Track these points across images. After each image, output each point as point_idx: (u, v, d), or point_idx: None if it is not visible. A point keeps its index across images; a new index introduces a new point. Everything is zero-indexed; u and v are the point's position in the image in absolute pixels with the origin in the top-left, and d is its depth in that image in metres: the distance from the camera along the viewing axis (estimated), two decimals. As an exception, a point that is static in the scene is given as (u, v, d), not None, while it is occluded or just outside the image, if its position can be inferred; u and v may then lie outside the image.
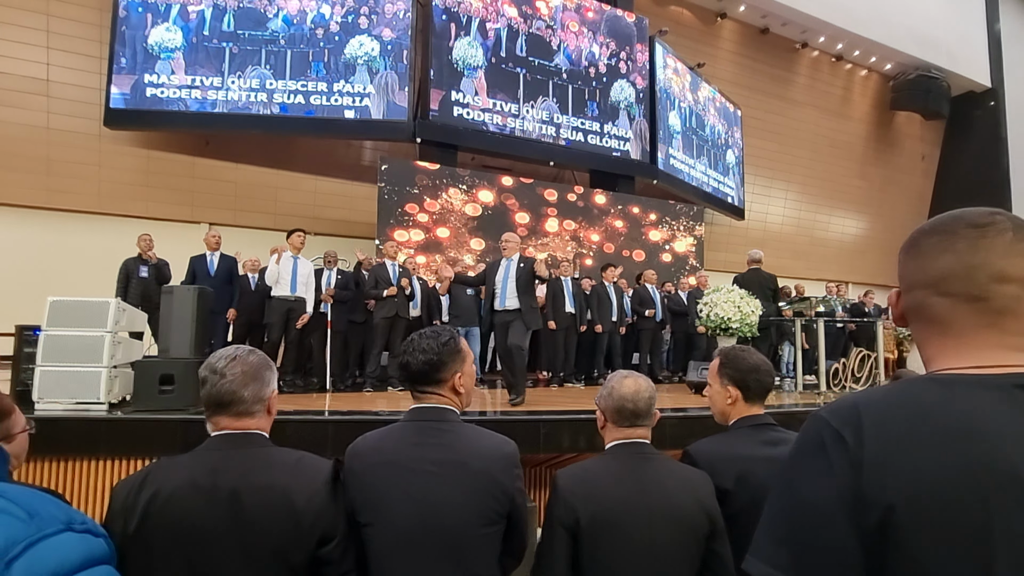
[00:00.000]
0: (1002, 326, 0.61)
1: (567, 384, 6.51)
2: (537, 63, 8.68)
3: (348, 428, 3.36)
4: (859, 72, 13.99)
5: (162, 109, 7.16)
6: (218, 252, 5.68)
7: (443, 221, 8.12)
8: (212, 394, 1.20)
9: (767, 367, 1.55)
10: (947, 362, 0.63)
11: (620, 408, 1.42)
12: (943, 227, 0.66)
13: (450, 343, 1.38)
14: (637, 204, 9.65)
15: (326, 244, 8.22)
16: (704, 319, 4.90)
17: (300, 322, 5.13)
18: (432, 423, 1.33)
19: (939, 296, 0.64)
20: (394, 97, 7.74)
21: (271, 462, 1.20)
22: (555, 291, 6.55)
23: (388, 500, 1.24)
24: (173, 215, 8.26)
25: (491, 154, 8.75)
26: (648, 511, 1.31)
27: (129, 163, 8.01)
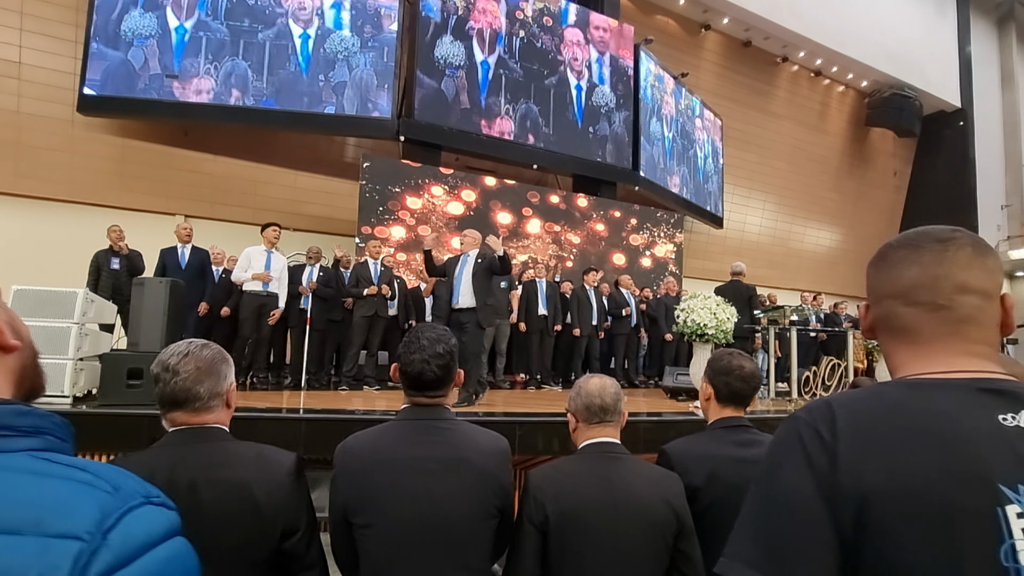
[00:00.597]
0: (964, 334, 0.65)
1: (544, 387, 6.53)
2: (522, 66, 8.70)
3: (322, 427, 3.33)
4: (836, 88, 14.35)
5: (138, 97, 6.99)
6: (190, 244, 5.55)
7: (425, 220, 8.08)
8: (166, 392, 1.18)
9: (742, 373, 1.57)
10: (914, 368, 0.67)
11: (588, 405, 1.46)
12: (910, 241, 0.70)
13: (455, 346, 1.41)
14: (618, 209, 9.73)
15: (305, 240, 8.11)
16: (681, 325, 4.96)
17: (272, 318, 5.04)
18: (430, 421, 1.34)
19: (907, 306, 0.68)
20: (378, 94, 7.68)
21: (231, 456, 1.18)
22: (528, 293, 6.58)
23: (390, 500, 1.24)
24: (148, 206, 8.08)
25: (475, 155, 8.74)
26: (615, 509, 1.33)
27: (103, 151, 7.81)
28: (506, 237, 8.67)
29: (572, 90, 9.13)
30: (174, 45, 7.11)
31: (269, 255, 5.14)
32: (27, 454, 0.51)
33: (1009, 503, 0.54)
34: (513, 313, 6.47)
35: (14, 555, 0.43)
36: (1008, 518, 0.53)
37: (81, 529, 0.46)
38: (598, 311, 6.84)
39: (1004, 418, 0.58)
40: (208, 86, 7.17)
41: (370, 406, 4.34)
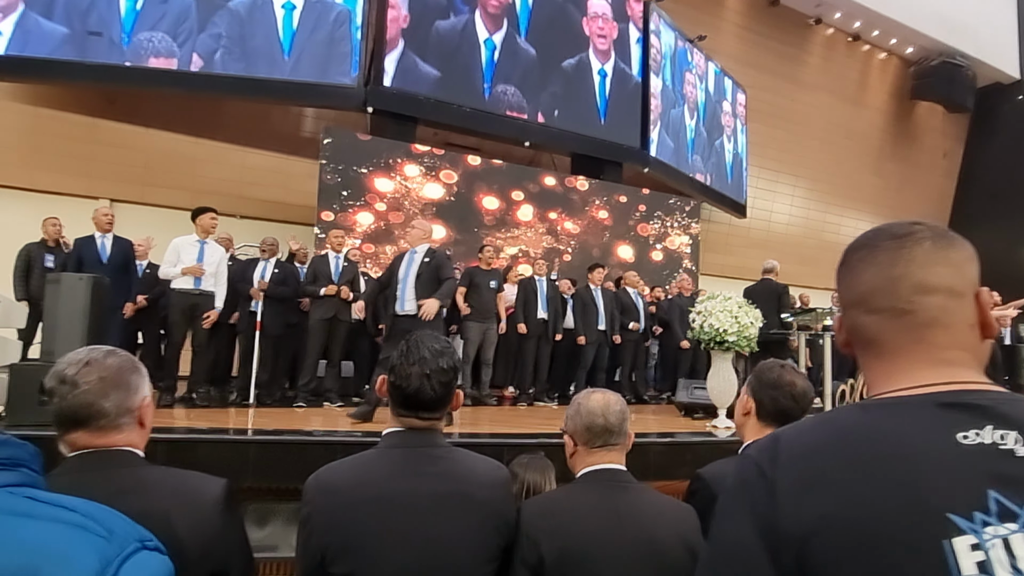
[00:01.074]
0: (931, 340, 0.67)
1: (538, 403, 6.54)
2: (511, 31, 8.69)
3: (275, 450, 3.30)
4: (878, 55, 14.50)
5: (54, 58, 6.87)
6: (111, 234, 5.44)
7: (397, 206, 8.05)
8: (64, 408, 1.13)
9: (794, 391, 1.58)
10: (880, 387, 0.69)
11: (590, 425, 1.45)
12: (866, 241, 0.73)
13: (459, 361, 1.40)
14: (625, 194, 9.77)
15: (256, 229, 8.06)
16: (697, 330, 4.99)
17: (208, 321, 4.97)
18: (424, 449, 1.33)
19: (867, 314, 0.71)
20: (342, 58, 7.63)
21: (145, 483, 1.14)
22: (527, 293, 6.56)
23: (377, 544, 1.22)
24: (66, 188, 7.98)
25: (457, 130, 8.72)
26: (623, 547, 1.32)
27: (11, 122, 7.69)
28: (493, 226, 8.67)
29: (572, 57, 9.14)
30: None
31: (202, 246, 5.03)
32: (5, 491, 0.53)
33: (960, 534, 0.54)
34: (502, 321, 6.45)
35: None
36: (956, 552, 0.54)
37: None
38: (606, 315, 6.83)
39: (964, 436, 0.59)
40: (141, 45, 7.08)
41: (331, 426, 4.31)
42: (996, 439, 0.58)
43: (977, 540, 0.54)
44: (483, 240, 8.06)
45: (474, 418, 5.28)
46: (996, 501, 0.56)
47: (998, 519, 0.55)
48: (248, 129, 8.81)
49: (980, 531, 0.55)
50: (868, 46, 14.26)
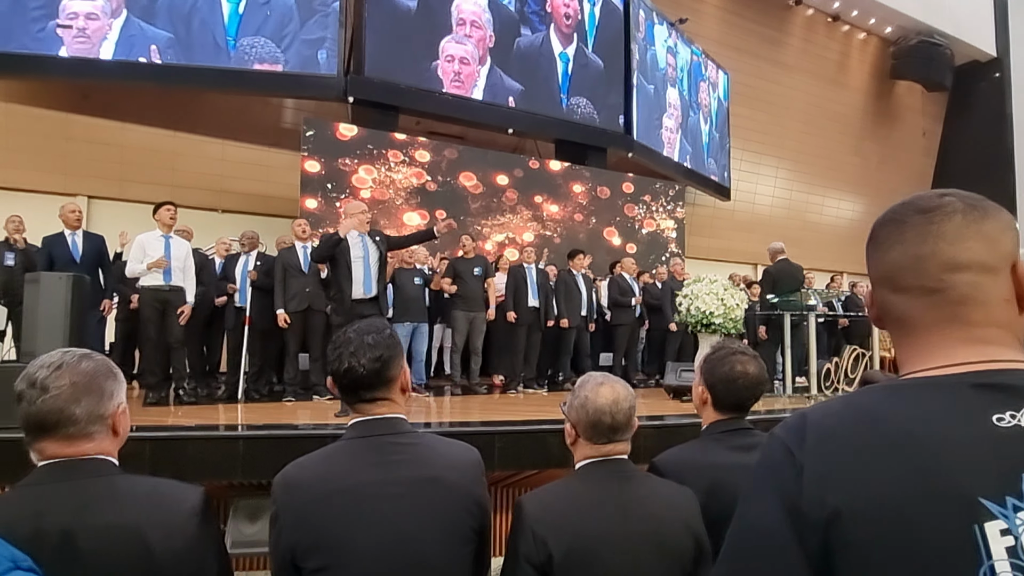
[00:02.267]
0: (965, 318, 0.64)
1: (528, 390, 6.55)
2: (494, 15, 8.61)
3: (265, 446, 3.28)
4: (857, 35, 14.58)
5: (25, 52, 6.70)
6: (81, 230, 5.32)
7: (380, 196, 7.99)
8: (32, 414, 1.08)
9: (747, 380, 1.56)
10: (912, 365, 0.67)
11: (596, 423, 1.40)
12: (894, 216, 0.70)
13: (392, 333, 1.37)
14: (609, 180, 9.76)
15: (237, 223, 7.95)
16: (684, 314, 5.01)
17: (183, 317, 4.88)
18: (388, 437, 1.30)
19: (895, 293, 0.69)
20: (322, 47, 7.52)
21: (117, 494, 1.10)
22: (517, 281, 6.54)
23: (349, 536, 1.20)
24: (39, 185, 7.82)
25: (439, 118, 8.64)
26: (631, 541, 1.31)
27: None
28: (479, 213, 8.64)
29: (554, 42, 9.08)
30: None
31: (167, 240, 4.94)
32: None
33: (991, 519, 0.54)
34: (490, 308, 6.43)
35: None
36: (987, 536, 0.53)
37: None
38: (587, 300, 6.85)
39: (1000, 418, 0.57)
40: (113, 37, 6.92)
41: (321, 419, 4.29)
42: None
43: (1008, 525, 0.53)
44: (468, 227, 8.03)
45: (464, 407, 5.28)
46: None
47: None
48: (227, 122, 8.68)
49: (1012, 516, 0.54)
50: (847, 26, 14.33)
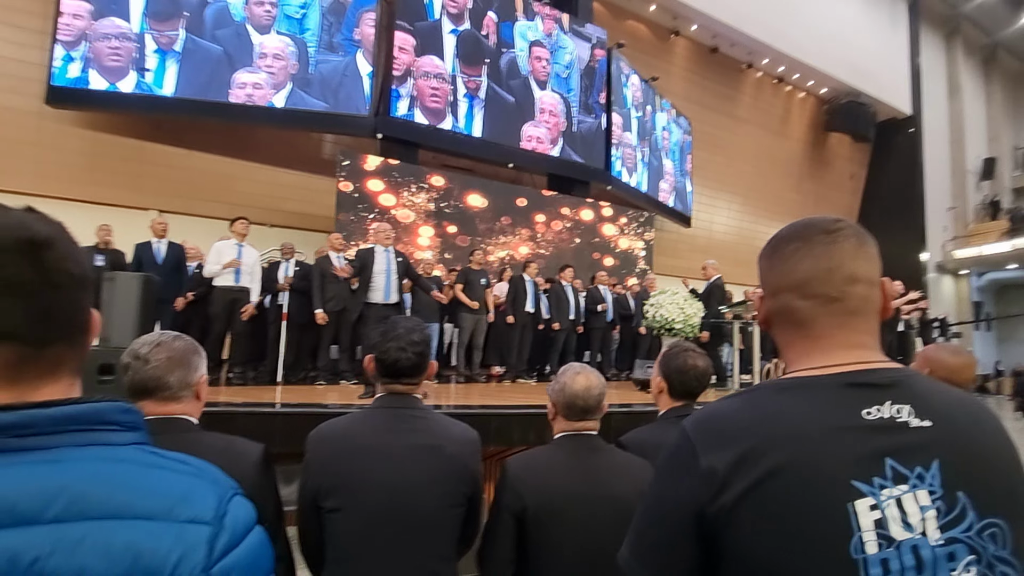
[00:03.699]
0: (852, 325, 0.65)
1: (519, 380, 6.54)
2: (498, 67, 8.66)
3: (298, 420, 3.27)
4: (798, 94, 14.70)
5: (109, 90, 6.72)
6: (165, 240, 5.36)
7: (401, 216, 7.99)
8: (136, 380, 1.16)
9: (696, 372, 1.58)
10: (800, 363, 0.67)
11: (571, 404, 1.44)
12: (800, 235, 0.70)
13: (427, 334, 1.42)
14: (591, 208, 9.79)
15: (283, 236, 7.93)
16: (649, 319, 5.02)
17: (245, 313, 4.89)
18: (404, 410, 1.34)
19: (802, 299, 0.67)
20: (356, 91, 7.55)
21: (198, 446, 1.12)
22: (517, 290, 6.56)
23: (361, 485, 1.23)
24: (120, 200, 7.79)
25: (452, 154, 8.68)
26: (592, 500, 1.33)
27: (73, 144, 7.49)
28: (483, 234, 8.64)
29: (548, 92, 9.12)
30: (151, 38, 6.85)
31: (240, 249, 4.97)
32: (135, 447, 0.55)
33: (860, 496, 0.55)
34: (491, 312, 6.44)
35: (157, 539, 0.48)
36: (857, 512, 0.54)
37: (207, 515, 0.52)
38: (575, 307, 6.87)
39: (868, 412, 0.59)
40: (184, 80, 6.94)
41: (346, 400, 4.27)
42: (893, 413, 0.59)
43: (875, 501, 0.55)
44: (475, 244, 8.03)
45: (466, 393, 5.26)
46: (891, 467, 0.56)
47: (892, 482, 0.55)
48: (277, 151, 8.68)
49: (878, 493, 0.55)
50: (790, 87, 14.45)
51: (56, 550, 0.46)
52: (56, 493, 0.48)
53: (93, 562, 0.46)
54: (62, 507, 0.47)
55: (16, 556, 0.45)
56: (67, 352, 0.56)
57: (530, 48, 9.02)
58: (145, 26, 6.84)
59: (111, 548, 0.47)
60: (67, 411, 0.52)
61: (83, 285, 0.56)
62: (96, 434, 0.53)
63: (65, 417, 0.52)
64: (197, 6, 7.02)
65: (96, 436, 0.53)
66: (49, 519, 0.47)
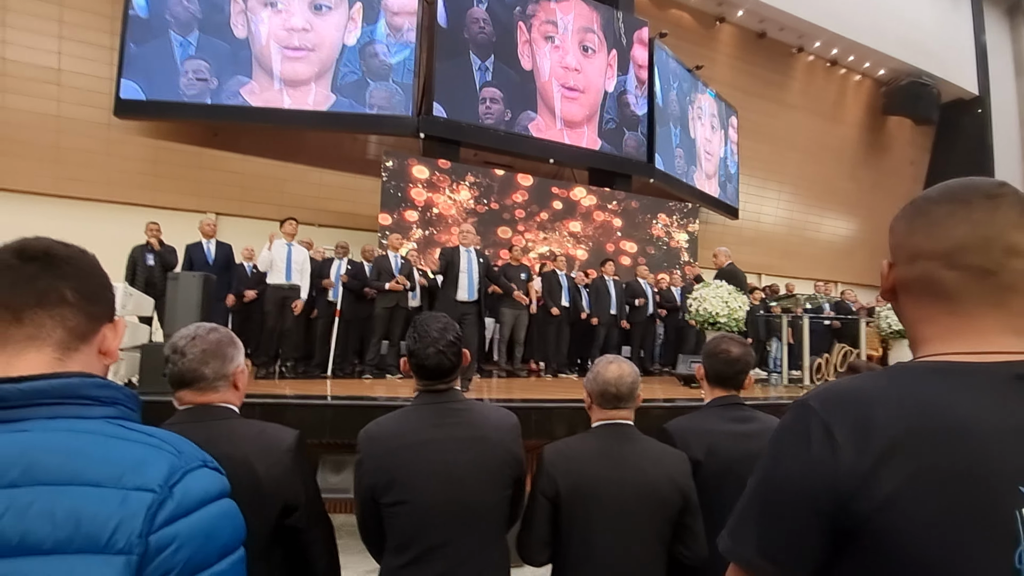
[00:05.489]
0: (1008, 305, 0.57)
1: (560, 375, 6.54)
2: (537, 61, 8.64)
3: (348, 412, 3.38)
4: (853, 77, 13.96)
5: (170, 100, 7.12)
6: (214, 240, 5.62)
7: (444, 215, 8.11)
8: (174, 373, 1.21)
9: (727, 357, 1.58)
10: (945, 345, 0.59)
11: (604, 392, 1.47)
12: (956, 196, 0.61)
13: (459, 330, 1.45)
14: (633, 201, 9.64)
15: (330, 235, 8.21)
16: (693, 313, 4.92)
17: (296, 309, 5.10)
18: (446, 404, 1.39)
19: (950, 269, 0.59)
20: (399, 92, 7.70)
21: (233, 433, 1.20)
22: (551, 284, 6.55)
23: (416, 478, 1.29)
24: (180, 204, 8.24)
25: (493, 151, 8.73)
26: (622, 486, 1.37)
27: (137, 152, 7.98)
28: (522, 231, 8.66)
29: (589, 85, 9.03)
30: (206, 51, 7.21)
31: (289, 248, 5.18)
32: (104, 420, 0.58)
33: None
34: (532, 304, 6.45)
35: (100, 505, 0.50)
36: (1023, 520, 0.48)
37: (154, 483, 0.53)
38: (617, 301, 6.81)
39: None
40: (238, 89, 7.27)
41: (392, 393, 4.39)
42: None
43: None
44: (515, 241, 8.07)
45: (508, 387, 5.31)
46: None
47: None
48: (323, 154, 8.96)
49: None
50: (844, 70, 13.74)
51: (6, 513, 0.48)
52: (13, 461, 0.50)
53: (37, 526, 0.48)
54: (18, 473, 0.50)
55: None
56: (47, 321, 0.59)
57: (571, 38, 8.95)
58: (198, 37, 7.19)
59: (55, 513, 0.49)
60: (37, 386, 0.55)
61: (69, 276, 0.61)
62: (66, 407, 0.56)
63: (35, 391, 0.55)
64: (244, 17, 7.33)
65: (66, 410, 0.56)
66: (4, 484, 0.49)
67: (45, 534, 0.48)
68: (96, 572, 0.48)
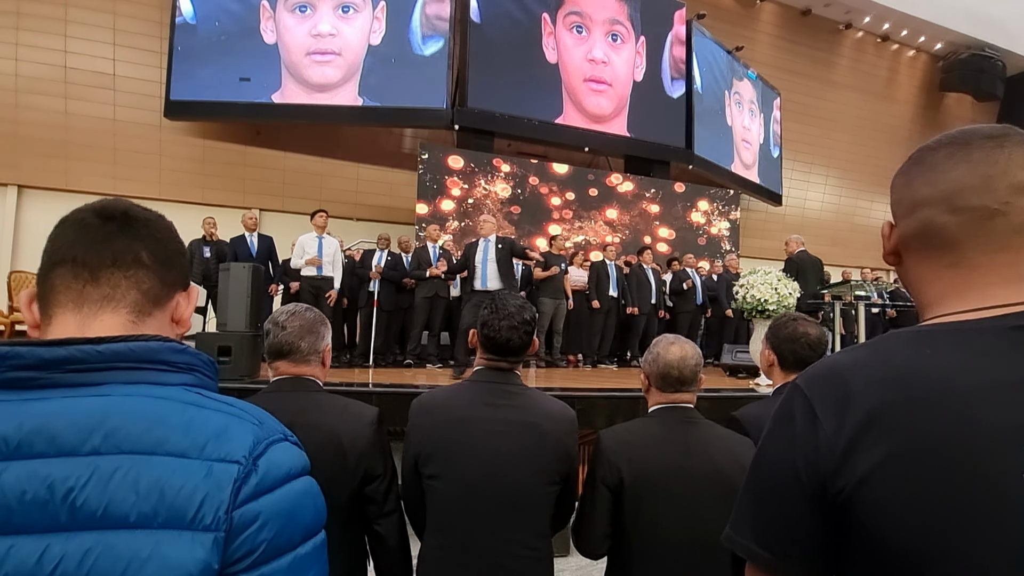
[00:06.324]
0: (1016, 248, 0.52)
1: (600, 365, 6.48)
2: (573, 50, 8.53)
3: (391, 400, 3.46)
4: (906, 52, 13.22)
5: (216, 100, 7.38)
6: (256, 232, 5.80)
7: (479, 207, 8.14)
8: (273, 343, 1.31)
9: (809, 340, 1.49)
10: (947, 306, 0.55)
11: (665, 375, 1.39)
12: (954, 140, 0.57)
13: (535, 312, 1.44)
14: (670, 188, 9.44)
15: (368, 228, 8.38)
16: (740, 301, 4.78)
17: (330, 299, 5.18)
18: (502, 385, 1.35)
19: (950, 214, 0.55)
20: (431, 86, 7.75)
21: (322, 404, 1.29)
22: (599, 274, 6.49)
23: (459, 454, 1.27)
24: (226, 201, 8.55)
25: (527, 140, 8.69)
26: (691, 474, 1.29)
27: (187, 152, 8.32)
28: (557, 220, 8.61)
29: (624, 70, 8.87)
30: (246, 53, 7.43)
31: (320, 240, 5.29)
32: (183, 388, 0.55)
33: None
34: (570, 298, 6.41)
35: (185, 476, 0.48)
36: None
37: (237, 454, 0.51)
38: (656, 290, 6.69)
39: None
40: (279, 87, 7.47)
41: (434, 381, 4.45)
42: None
43: None
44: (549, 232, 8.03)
45: (547, 377, 5.30)
46: None
47: None
48: (360, 149, 9.13)
49: None
50: (897, 45, 13.01)
51: (90, 481, 0.46)
52: (95, 427, 0.49)
53: (122, 495, 0.46)
54: (99, 440, 0.48)
55: (54, 485, 0.46)
56: (123, 282, 0.57)
57: (607, 25, 8.79)
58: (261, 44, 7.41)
59: (139, 483, 0.47)
60: (116, 348, 0.53)
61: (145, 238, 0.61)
62: (145, 372, 0.54)
63: (114, 354, 0.52)
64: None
65: (145, 375, 0.54)
66: (86, 451, 0.48)
67: (129, 506, 0.46)
68: (184, 550, 0.46)
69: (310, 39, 7.53)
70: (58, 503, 0.46)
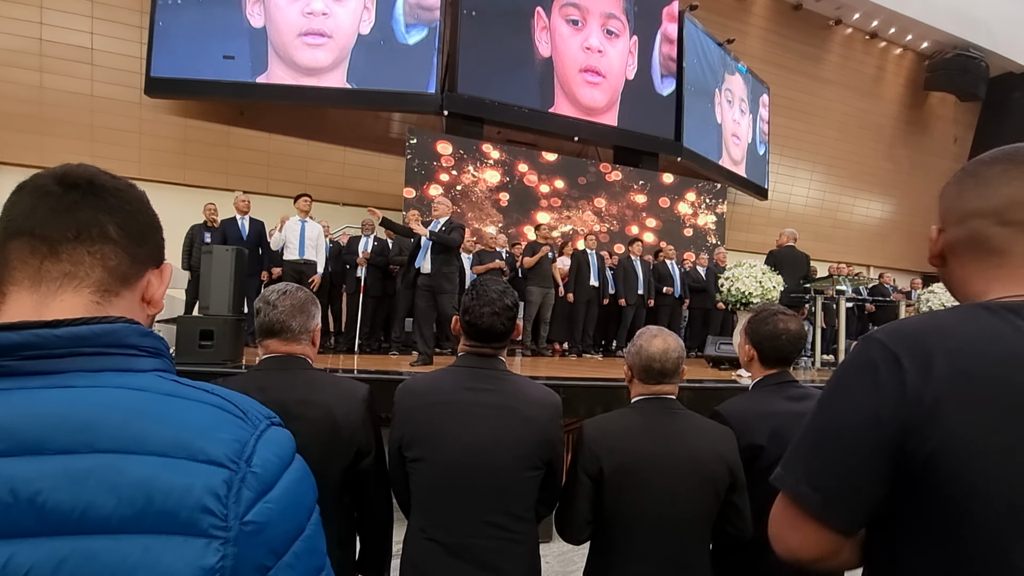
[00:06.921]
0: None
1: (586, 355, 6.53)
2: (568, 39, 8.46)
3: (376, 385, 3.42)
4: (893, 50, 13.36)
5: (199, 78, 7.20)
6: (248, 216, 5.70)
7: (468, 193, 8.09)
8: (264, 322, 1.32)
9: (789, 336, 1.50)
10: (995, 293, 0.61)
11: (647, 367, 1.40)
12: (1007, 157, 0.63)
13: (516, 298, 1.44)
14: (658, 180, 9.48)
15: (354, 214, 8.28)
16: (724, 294, 4.83)
17: (313, 284, 5.11)
18: (485, 370, 1.35)
19: (1000, 225, 0.61)
20: (422, 69, 7.65)
21: (314, 382, 1.31)
22: (580, 264, 6.50)
23: (440, 437, 1.27)
24: (209, 182, 8.39)
25: (516, 128, 8.64)
26: (670, 464, 1.31)
27: (168, 131, 8.12)
28: (545, 208, 8.60)
29: (614, 62, 8.83)
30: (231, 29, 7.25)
31: (303, 224, 5.22)
32: (155, 375, 0.50)
33: None
34: (560, 287, 6.43)
35: (172, 477, 0.44)
36: None
37: (225, 457, 0.46)
38: (644, 281, 6.74)
39: None
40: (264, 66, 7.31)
41: (419, 369, 4.44)
42: None
43: None
44: (537, 220, 8.02)
45: (533, 366, 5.32)
46: None
47: None
48: (347, 132, 9.00)
49: None
50: (884, 43, 13.14)
51: (60, 484, 0.41)
52: (62, 421, 0.43)
53: (100, 499, 0.42)
54: (69, 437, 0.43)
55: (17, 488, 0.41)
56: (86, 258, 0.51)
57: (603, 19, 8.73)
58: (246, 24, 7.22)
59: (120, 485, 0.42)
60: (78, 331, 0.47)
61: (114, 209, 0.53)
62: (112, 358, 0.48)
63: (76, 338, 0.47)
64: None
65: (112, 360, 0.48)
66: (54, 449, 0.42)
67: (110, 510, 0.42)
68: (177, 556, 0.42)
69: (302, 18, 7.37)
70: (23, 506, 0.41)
